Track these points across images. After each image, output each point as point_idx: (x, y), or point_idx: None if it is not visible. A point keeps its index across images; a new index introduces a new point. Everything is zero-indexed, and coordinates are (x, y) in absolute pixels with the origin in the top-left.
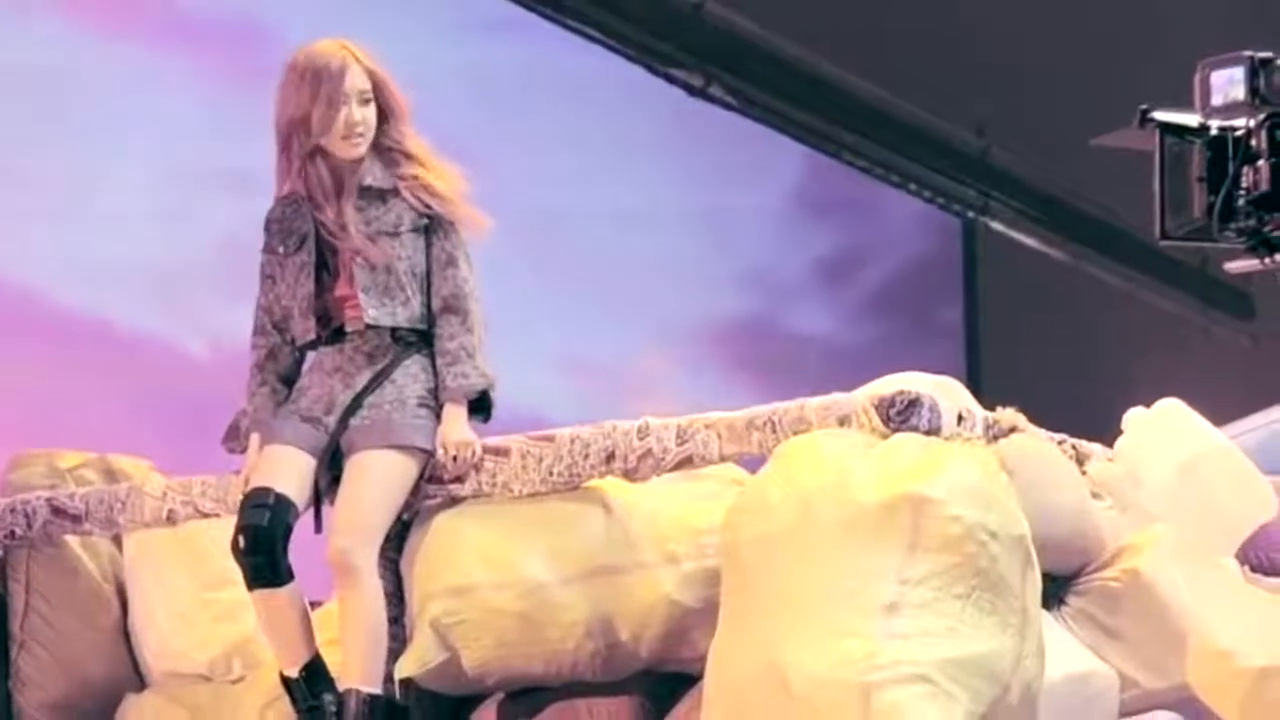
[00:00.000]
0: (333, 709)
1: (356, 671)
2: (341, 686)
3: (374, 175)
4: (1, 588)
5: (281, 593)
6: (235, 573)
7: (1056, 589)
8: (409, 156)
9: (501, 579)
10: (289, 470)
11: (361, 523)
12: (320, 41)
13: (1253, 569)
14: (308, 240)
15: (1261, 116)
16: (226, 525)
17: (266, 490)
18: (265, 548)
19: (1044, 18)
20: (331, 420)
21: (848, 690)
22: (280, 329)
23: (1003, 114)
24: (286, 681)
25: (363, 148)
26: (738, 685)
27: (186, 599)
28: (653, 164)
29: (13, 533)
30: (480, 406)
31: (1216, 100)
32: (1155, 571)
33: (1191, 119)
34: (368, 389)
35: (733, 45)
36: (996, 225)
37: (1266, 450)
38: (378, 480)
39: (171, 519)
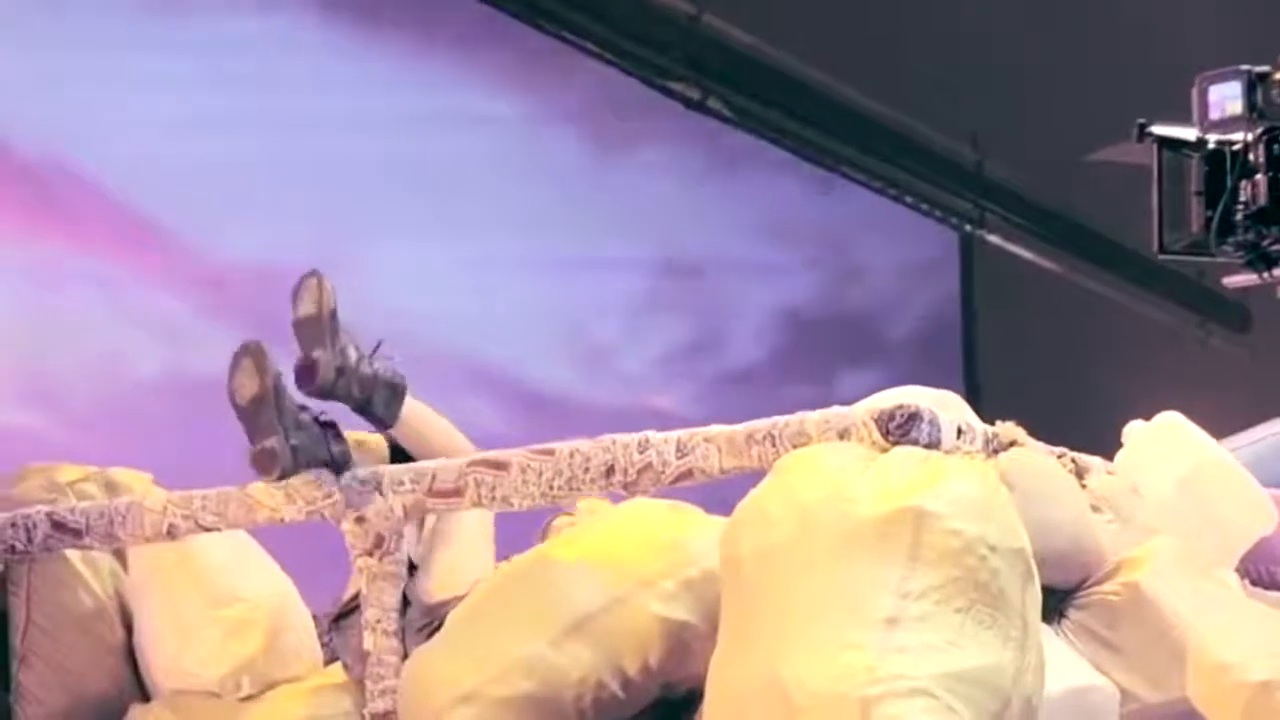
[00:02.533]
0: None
1: None
2: None
3: None
4: (2, 602)
5: None
6: (244, 588)
7: (1056, 602)
8: None
9: (497, 671)
10: None
11: None
12: None
13: (1253, 582)
14: None
15: (1259, 131)
16: (232, 539)
17: None
18: None
19: (1041, 31)
20: None
21: (848, 704)
22: None
23: (999, 126)
24: None
25: None
26: (738, 699)
27: (194, 616)
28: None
29: (13, 547)
30: None
31: (1214, 115)
32: (1155, 585)
33: (1189, 133)
34: None
35: (730, 58)
36: (993, 238)
37: (1266, 463)
38: None
39: (172, 533)
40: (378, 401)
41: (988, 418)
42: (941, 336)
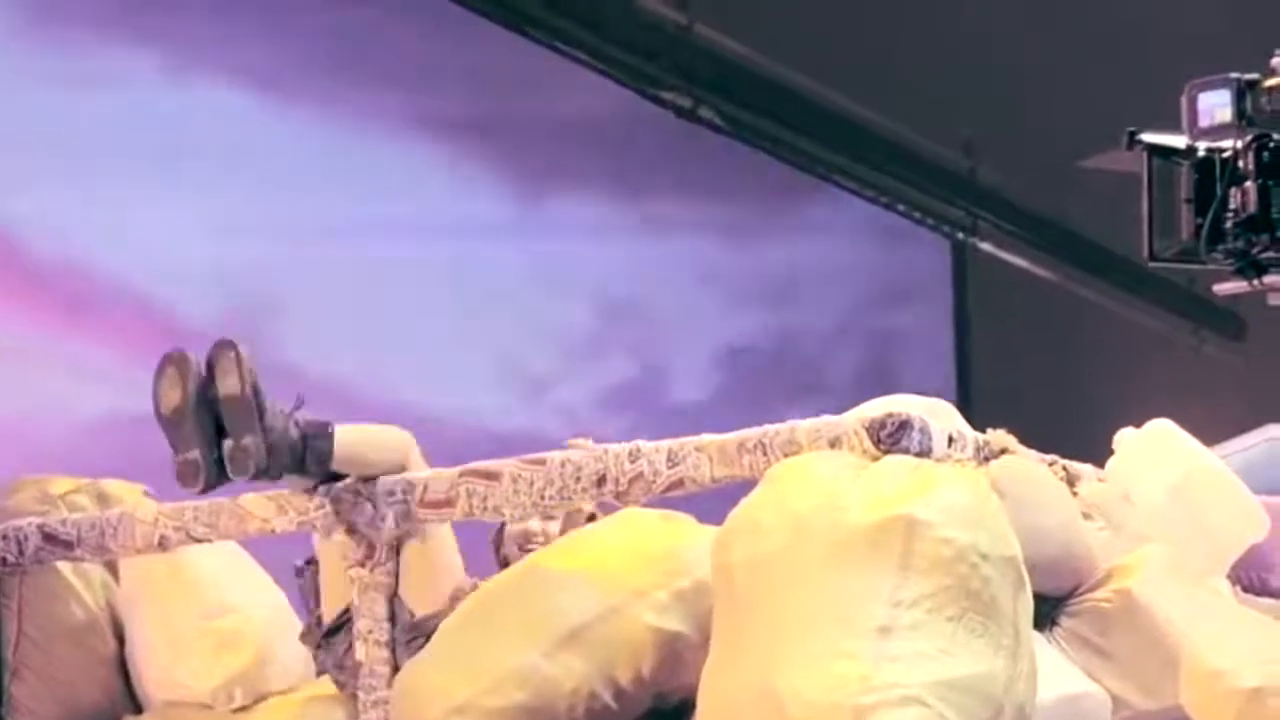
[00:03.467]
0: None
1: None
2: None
3: None
4: None
5: None
6: (237, 601)
7: (1048, 610)
8: None
9: (491, 682)
10: None
11: None
12: None
13: (1244, 589)
14: None
15: (1249, 138)
16: (223, 550)
17: None
18: None
19: (1033, 37)
20: None
21: (842, 713)
22: None
23: (992, 134)
24: None
25: None
26: (731, 708)
27: (186, 627)
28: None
29: (4, 559)
30: None
31: (1204, 122)
32: (1147, 592)
33: (1179, 141)
34: None
35: (722, 67)
36: (985, 245)
37: (1257, 470)
38: None
39: (163, 544)
40: (310, 461)
41: (979, 425)
42: (933, 344)
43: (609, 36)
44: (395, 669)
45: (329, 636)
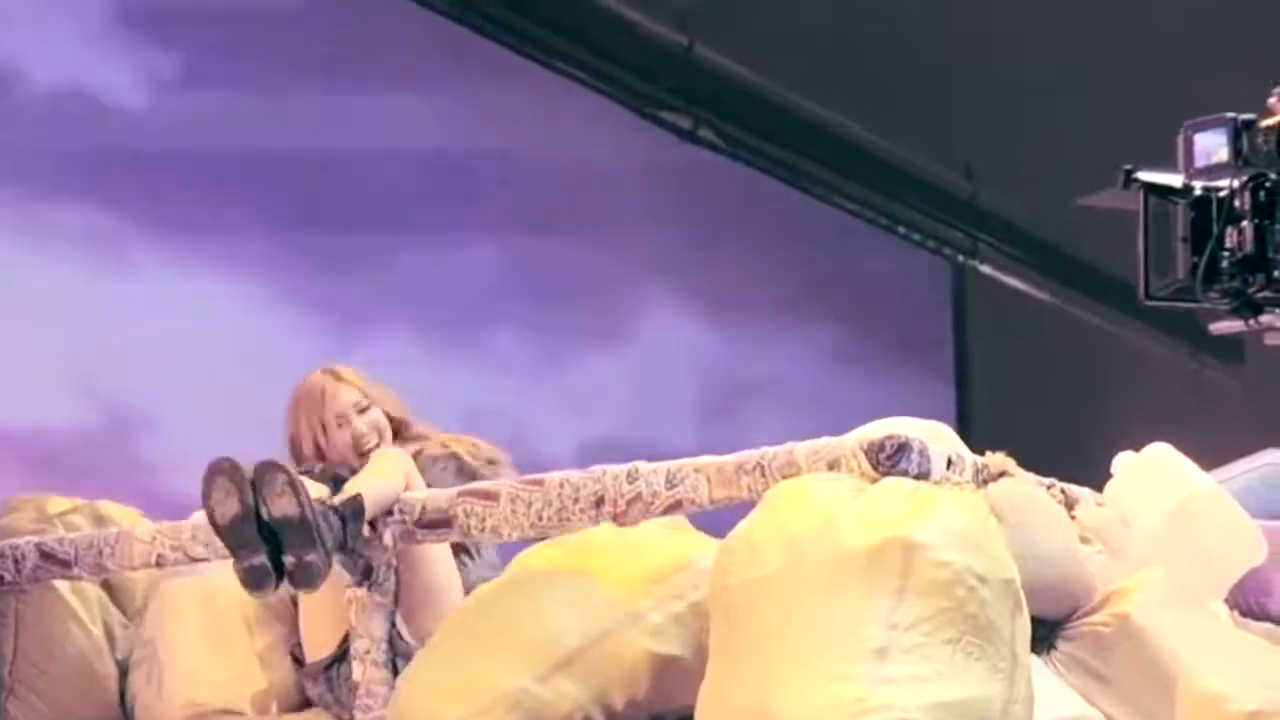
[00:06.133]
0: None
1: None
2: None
3: None
4: None
5: None
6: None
7: (1046, 633)
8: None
9: (483, 703)
10: None
11: None
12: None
13: (1242, 613)
14: None
15: (1245, 178)
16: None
17: None
18: None
19: (1035, 62)
20: None
21: None
22: None
23: (993, 158)
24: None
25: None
26: None
27: (230, 639)
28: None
29: (1, 577)
30: None
31: (1200, 162)
32: (1145, 616)
33: (1175, 180)
34: None
35: (722, 88)
36: (986, 269)
37: (1256, 494)
38: None
39: (160, 563)
40: (350, 537)
41: (978, 448)
42: (933, 366)
43: (610, 57)
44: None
45: (328, 669)
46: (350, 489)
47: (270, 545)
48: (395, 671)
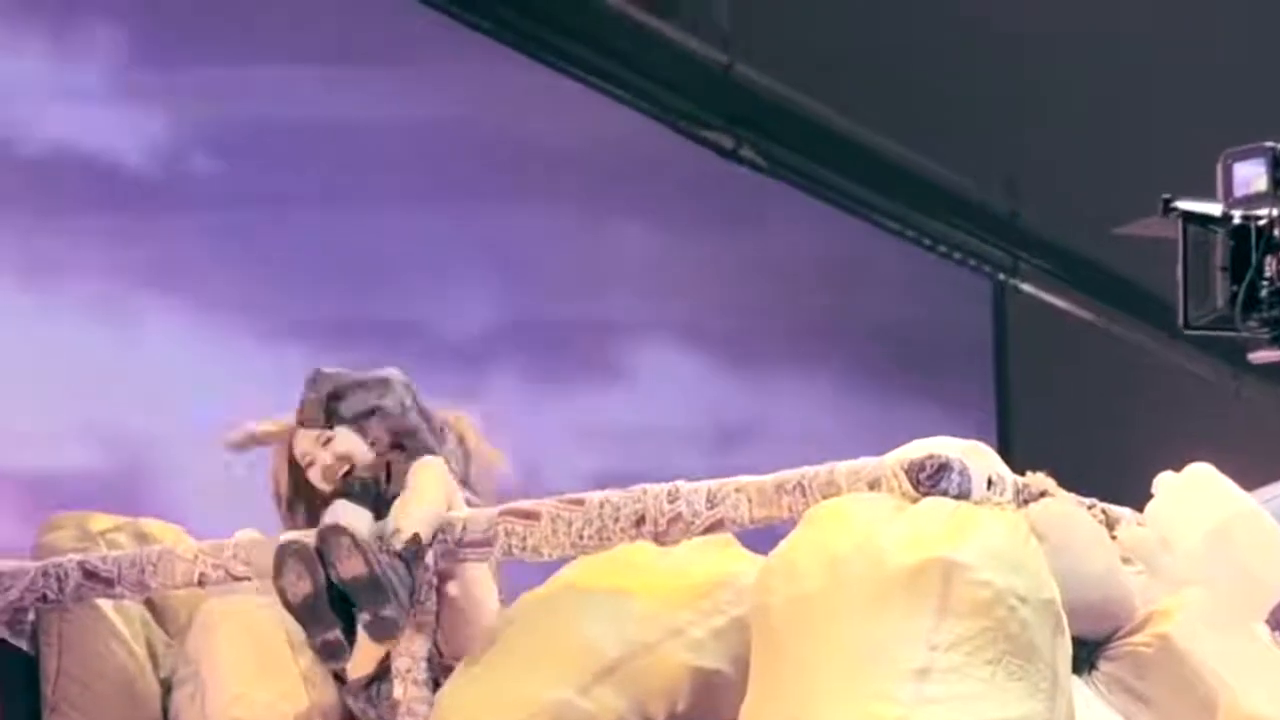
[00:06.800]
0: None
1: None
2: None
3: None
4: (33, 651)
5: None
6: (300, 643)
7: (1087, 654)
8: None
9: (525, 715)
10: None
11: None
12: None
13: None
14: None
15: None
16: None
17: None
18: None
19: (1075, 79)
20: None
21: None
22: None
23: (1034, 175)
24: None
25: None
26: None
27: (277, 655)
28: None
29: (44, 596)
30: None
31: (1239, 191)
32: (1186, 637)
33: (1214, 208)
34: None
35: (763, 107)
36: (1026, 287)
37: None
38: None
39: (203, 581)
40: (417, 574)
41: (1019, 468)
42: (973, 385)
43: (650, 75)
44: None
45: (368, 686)
46: (402, 522)
47: (343, 616)
48: (435, 689)
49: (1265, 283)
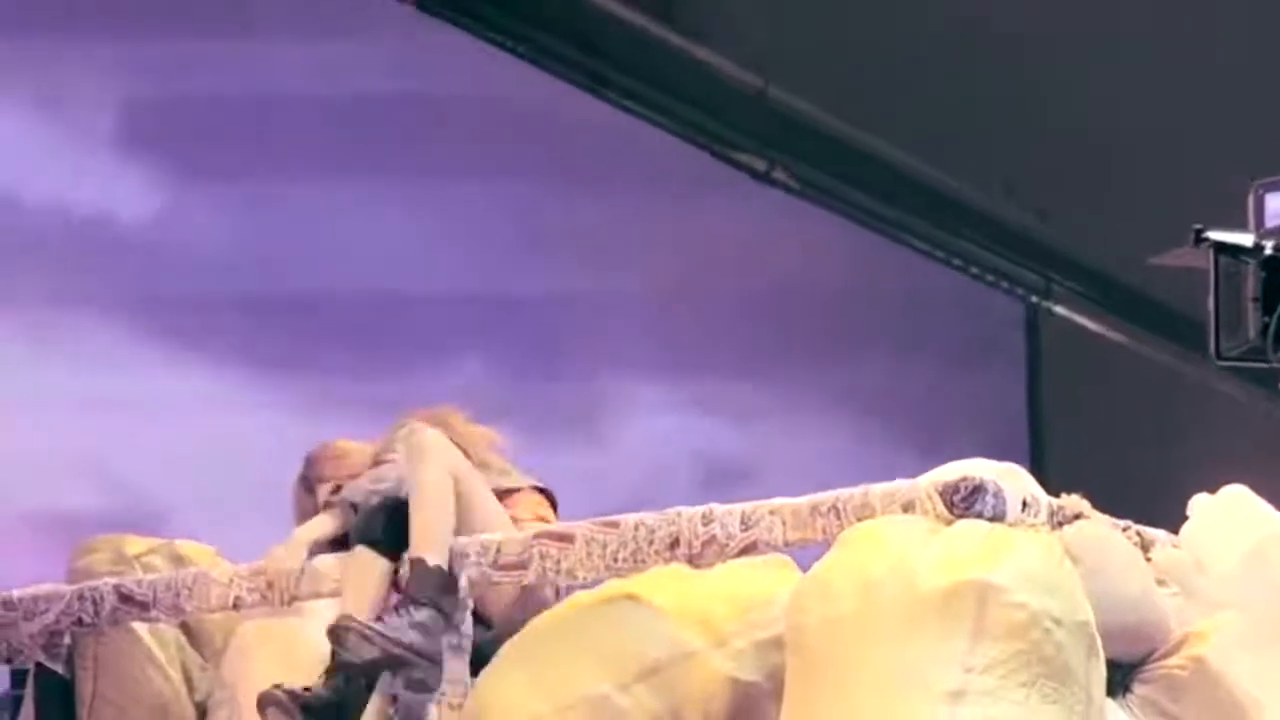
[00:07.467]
0: None
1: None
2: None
3: None
4: (69, 674)
5: None
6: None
7: (1121, 676)
8: None
9: (563, 702)
10: None
11: None
12: None
13: None
14: None
15: None
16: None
17: None
18: None
19: (1108, 104)
20: None
21: None
22: None
23: (1067, 198)
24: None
25: None
26: None
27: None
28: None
29: (80, 619)
30: None
31: (1271, 222)
32: (1221, 659)
33: (1246, 239)
34: None
35: (797, 129)
36: (1059, 309)
37: None
38: None
39: (237, 605)
40: (447, 606)
41: (1053, 490)
42: (1006, 408)
43: (684, 98)
44: None
45: None
46: (421, 548)
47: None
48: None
49: None
